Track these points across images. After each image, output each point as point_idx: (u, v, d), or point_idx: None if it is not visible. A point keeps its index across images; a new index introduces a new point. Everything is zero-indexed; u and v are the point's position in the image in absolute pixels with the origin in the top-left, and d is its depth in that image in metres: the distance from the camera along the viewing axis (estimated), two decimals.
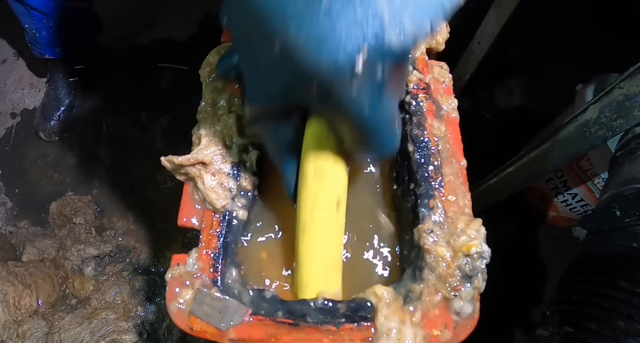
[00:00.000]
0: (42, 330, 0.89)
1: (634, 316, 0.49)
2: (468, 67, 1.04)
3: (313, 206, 0.31)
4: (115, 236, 1.07)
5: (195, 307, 0.30)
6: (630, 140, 0.66)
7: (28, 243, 1.03)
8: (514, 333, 1.01)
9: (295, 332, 0.29)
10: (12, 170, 1.18)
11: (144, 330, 0.94)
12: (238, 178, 0.34)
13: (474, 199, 0.34)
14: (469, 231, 0.31)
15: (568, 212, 1.04)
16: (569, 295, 0.58)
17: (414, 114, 0.36)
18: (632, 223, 0.56)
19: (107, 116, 1.23)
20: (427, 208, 0.33)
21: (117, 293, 0.96)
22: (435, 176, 0.34)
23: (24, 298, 0.91)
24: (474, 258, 0.30)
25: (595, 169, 0.89)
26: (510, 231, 1.14)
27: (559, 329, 0.55)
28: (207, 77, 0.38)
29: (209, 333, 0.30)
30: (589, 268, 0.58)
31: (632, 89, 0.53)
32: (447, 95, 0.38)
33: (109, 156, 1.18)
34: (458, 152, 0.36)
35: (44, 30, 1.03)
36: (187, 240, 1.06)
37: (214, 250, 0.32)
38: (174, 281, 0.31)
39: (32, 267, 0.96)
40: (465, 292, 0.30)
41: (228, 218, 0.33)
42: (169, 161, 0.34)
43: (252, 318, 0.30)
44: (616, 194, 0.61)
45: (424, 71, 0.39)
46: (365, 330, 0.29)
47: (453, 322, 0.30)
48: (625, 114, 0.54)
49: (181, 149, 0.35)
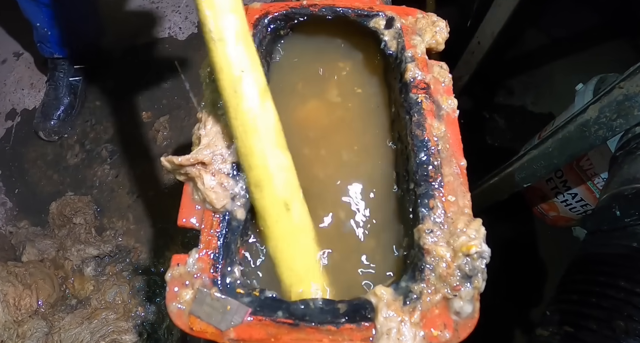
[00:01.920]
0: (42, 330, 0.89)
1: (634, 316, 0.49)
2: (468, 67, 1.04)
3: (264, 215, 0.33)
4: (115, 236, 1.07)
5: (195, 307, 0.30)
6: (630, 140, 0.66)
7: (28, 243, 1.03)
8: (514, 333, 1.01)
9: (295, 332, 0.29)
10: (12, 170, 1.18)
11: (144, 330, 0.94)
12: (238, 178, 0.34)
13: (474, 199, 0.34)
14: (469, 231, 0.31)
15: (568, 212, 1.04)
16: (569, 295, 0.58)
17: (414, 114, 0.36)
18: (632, 223, 0.56)
19: (107, 116, 1.23)
20: (427, 208, 0.33)
21: (117, 293, 0.96)
22: (435, 176, 0.34)
23: (24, 298, 0.91)
24: (473, 258, 0.30)
25: (595, 169, 0.89)
26: (510, 231, 1.14)
27: (559, 329, 0.55)
28: (207, 77, 0.38)
29: (209, 333, 0.30)
30: (589, 268, 0.58)
31: (632, 89, 0.52)
32: (447, 95, 0.38)
33: (109, 156, 1.18)
34: (458, 152, 0.36)
35: (56, 28, 1.04)
36: (187, 240, 1.06)
37: (214, 250, 0.32)
38: (174, 281, 0.31)
39: (32, 267, 0.96)
40: (465, 292, 0.30)
41: (228, 218, 0.33)
42: (169, 161, 0.34)
43: (252, 318, 0.30)
44: (616, 194, 0.60)
45: (424, 71, 0.39)
46: (365, 330, 0.29)
47: (453, 322, 0.30)
48: (625, 114, 0.54)
49: (181, 149, 0.35)
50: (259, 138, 0.33)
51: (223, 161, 0.34)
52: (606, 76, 0.89)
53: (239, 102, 0.32)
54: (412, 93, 0.37)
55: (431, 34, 0.41)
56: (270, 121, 0.34)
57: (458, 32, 0.52)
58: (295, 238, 0.34)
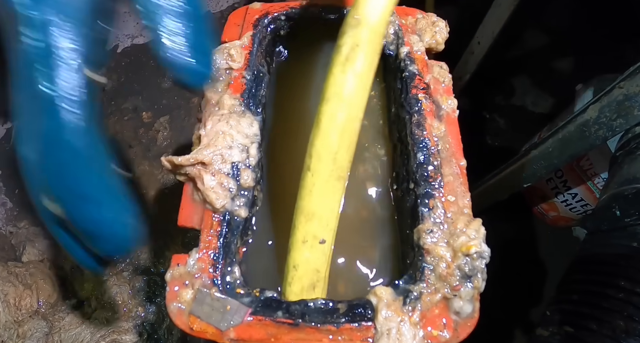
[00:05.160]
0: (42, 330, 0.89)
1: (634, 316, 0.49)
2: (468, 67, 1.04)
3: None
4: None
5: (195, 307, 0.30)
6: (630, 140, 0.66)
7: (28, 244, 1.03)
8: (514, 333, 1.01)
9: (295, 332, 0.30)
10: (12, 170, 1.18)
11: (144, 330, 0.94)
12: (238, 178, 0.34)
13: (474, 199, 0.34)
14: (469, 231, 0.31)
15: (568, 212, 1.04)
16: (569, 294, 0.58)
17: (414, 114, 0.36)
18: (632, 222, 0.56)
19: (106, 116, 1.23)
20: (427, 208, 0.33)
21: (117, 293, 0.96)
22: (435, 176, 0.34)
23: (25, 298, 0.91)
24: (473, 258, 0.30)
25: (595, 169, 0.90)
26: (510, 231, 1.14)
27: (559, 329, 0.55)
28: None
29: (209, 333, 0.30)
30: (589, 268, 0.58)
31: (632, 89, 0.53)
32: (447, 95, 0.38)
33: None
34: (458, 152, 0.36)
35: None
36: (187, 240, 1.06)
37: (214, 250, 0.32)
38: (174, 281, 0.31)
39: (32, 268, 0.96)
40: (465, 292, 0.30)
41: (228, 218, 0.33)
42: (169, 161, 0.34)
43: (252, 318, 0.30)
44: (616, 194, 0.61)
45: (424, 71, 0.39)
46: (365, 330, 0.29)
47: (453, 322, 0.30)
48: (625, 114, 0.55)
49: (181, 149, 0.35)
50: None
51: (223, 161, 0.34)
52: (606, 76, 0.90)
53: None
54: (412, 93, 0.37)
55: (431, 34, 0.41)
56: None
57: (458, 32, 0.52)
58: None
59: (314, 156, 0.29)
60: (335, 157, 0.29)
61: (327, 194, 0.30)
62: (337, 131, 0.28)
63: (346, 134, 0.29)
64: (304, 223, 0.30)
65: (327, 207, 0.30)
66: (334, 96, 0.28)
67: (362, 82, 0.28)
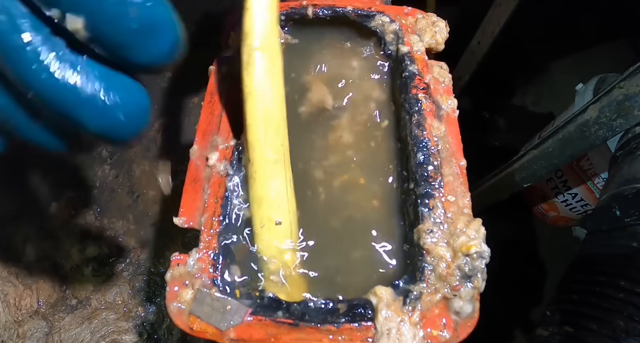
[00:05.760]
0: (42, 330, 0.89)
1: (634, 316, 0.49)
2: (468, 67, 1.04)
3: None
4: (115, 236, 1.07)
5: (195, 307, 0.30)
6: (630, 140, 0.66)
7: (28, 243, 1.03)
8: (514, 333, 1.01)
9: (295, 332, 0.30)
10: (12, 170, 1.18)
11: (144, 330, 0.94)
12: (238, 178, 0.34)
13: (474, 199, 0.34)
14: (469, 231, 0.31)
15: (568, 212, 1.04)
16: (569, 294, 0.58)
17: (414, 114, 0.36)
18: (632, 222, 0.56)
19: None
20: (427, 208, 0.33)
21: (117, 293, 0.96)
22: (435, 176, 0.34)
23: (25, 298, 0.91)
24: (473, 258, 0.30)
25: (595, 169, 0.90)
26: (510, 231, 1.14)
27: (559, 329, 0.55)
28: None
29: (209, 333, 0.30)
30: (589, 268, 0.58)
31: (632, 89, 0.53)
32: (447, 95, 0.38)
33: (109, 156, 1.18)
34: (458, 152, 0.36)
35: None
36: (187, 240, 1.06)
37: (214, 250, 0.32)
38: (174, 281, 0.31)
39: (32, 268, 0.96)
40: (465, 292, 0.30)
41: (228, 218, 0.33)
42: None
43: (252, 318, 0.30)
44: (616, 194, 0.61)
45: (424, 71, 0.39)
46: (365, 330, 0.29)
47: (453, 322, 0.30)
48: (625, 114, 0.55)
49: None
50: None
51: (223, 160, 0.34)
52: (606, 76, 0.90)
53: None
54: (412, 93, 0.37)
55: (431, 34, 0.41)
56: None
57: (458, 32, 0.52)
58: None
59: (249, 147, 0.32)
60: (265, 144, 0.32)
61: (268, 178, 0.33)
62: (259, 121, 0.32)
63: (269, 122, 0.32)
64: (257, 208, 0.33)
65: (272, 189, 0.33)
66: (248, 95, 0.32)
67: (266, 78, 0.32)
